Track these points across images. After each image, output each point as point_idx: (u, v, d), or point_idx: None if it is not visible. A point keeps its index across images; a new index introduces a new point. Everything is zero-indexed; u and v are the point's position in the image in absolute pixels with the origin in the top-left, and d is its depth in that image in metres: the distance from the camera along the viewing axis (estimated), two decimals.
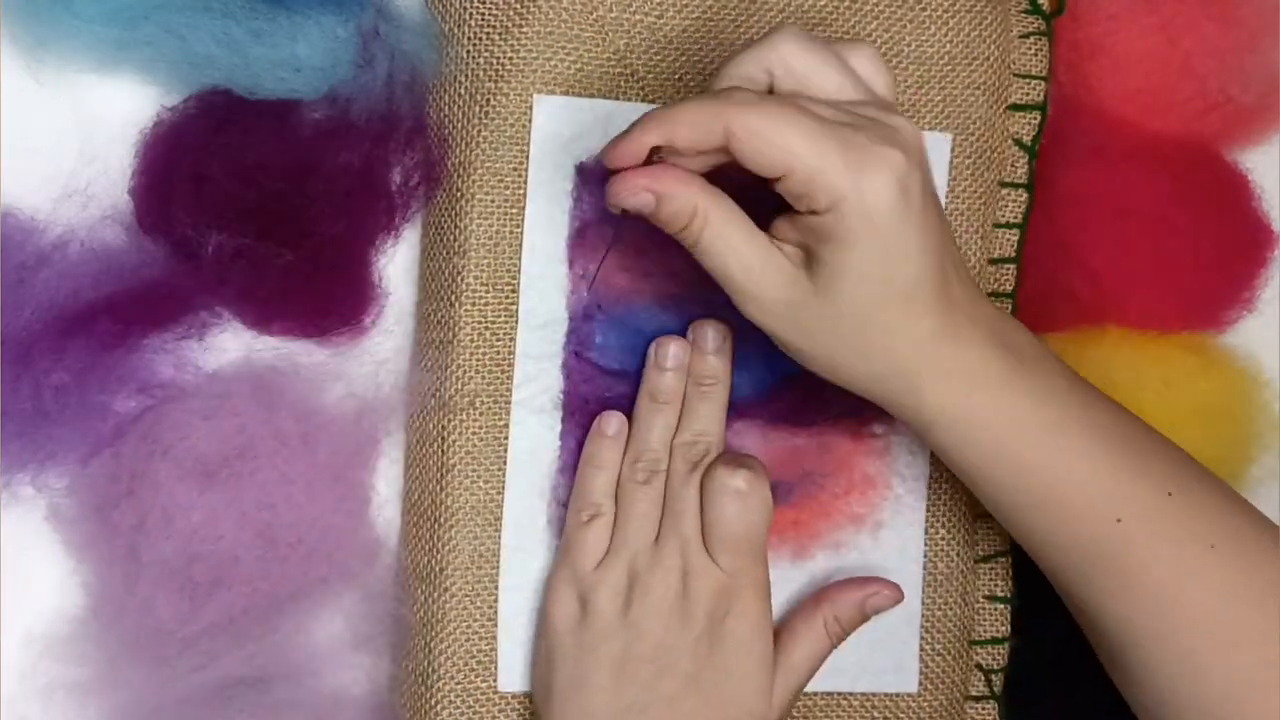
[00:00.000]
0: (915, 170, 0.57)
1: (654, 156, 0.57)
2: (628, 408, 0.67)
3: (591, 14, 0.66)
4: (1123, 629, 0.62)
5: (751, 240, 0.58)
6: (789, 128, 0.55)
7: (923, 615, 0.71)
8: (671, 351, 0.66)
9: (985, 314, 0.61)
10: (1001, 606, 0.72)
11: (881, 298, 0.58)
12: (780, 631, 0.67)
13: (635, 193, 0.57)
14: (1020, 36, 0.72)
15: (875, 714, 0.70)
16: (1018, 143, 0.72)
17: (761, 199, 0.58)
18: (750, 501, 0.64)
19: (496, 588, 0.67)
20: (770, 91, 0.59)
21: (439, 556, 0.66)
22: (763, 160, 0.56)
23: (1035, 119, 0.72)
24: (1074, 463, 0.61)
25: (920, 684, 0.70)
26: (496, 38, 0.66)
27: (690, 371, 0.66)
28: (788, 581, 0.69)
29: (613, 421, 0.67)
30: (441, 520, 0.66)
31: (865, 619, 0.68)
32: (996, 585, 0.72)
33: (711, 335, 0.66)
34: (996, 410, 0.60)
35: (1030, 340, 0.62)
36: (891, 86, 0.60)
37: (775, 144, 0.55)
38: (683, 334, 0.67)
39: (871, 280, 0.57)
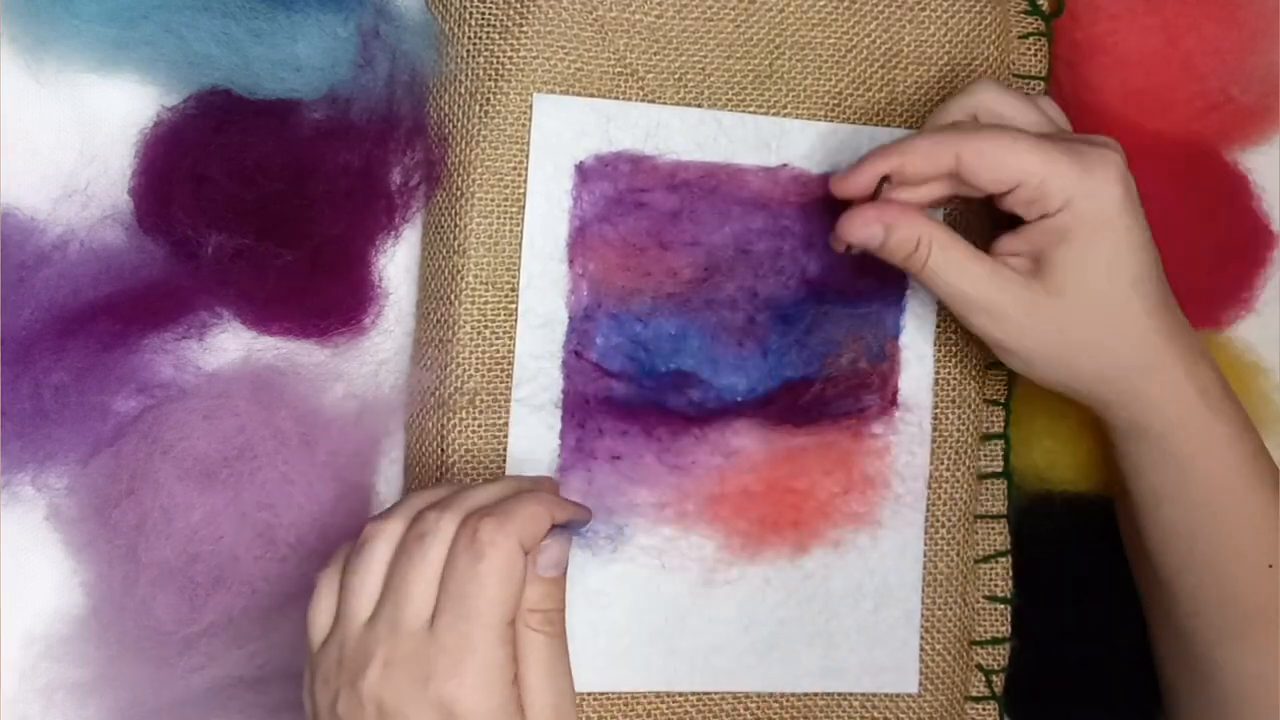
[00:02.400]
0: (1130, 173, 0.62)
1: (882, 185, 0.62)
2: (628, 410, 0.67)
3: (591, 14, 0.66)
4: (1245, 682, 0.64)
5: (976, 257, 0.62)
6: (1014, 143, 0.61)
7: (923, 615, 0.71)
8: None
9: (1189, 326, 0.64)
10: (1001, 606, 0.72)
11: (1112, 290, 0.61)
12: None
13: (866, 225, 0.62)
14: (1020, 37, 0.72)
15: (875, 714, 0.70)
16: None
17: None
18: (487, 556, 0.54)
19: None
20: None
21: None
22: (995, 176, 0.61)
23: None
24: (1254, 500, 0.64)
25: (920, 684, 0.70)
26: (496, 37, 0.66)
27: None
28: (787, 581, 0.69)
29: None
30: None
31: (558, 581, 0.56)
32: (996, 585, 0.72)
33: None
34: (1206, 430, 0.63)
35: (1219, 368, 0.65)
36: (1069, 127, 0.66)
37: (1004, 159, 0.61)
38: (681, 333, 0.67)
39: (1104, 271, 0.61)
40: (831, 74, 0.69)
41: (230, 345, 0.65)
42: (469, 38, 0.66)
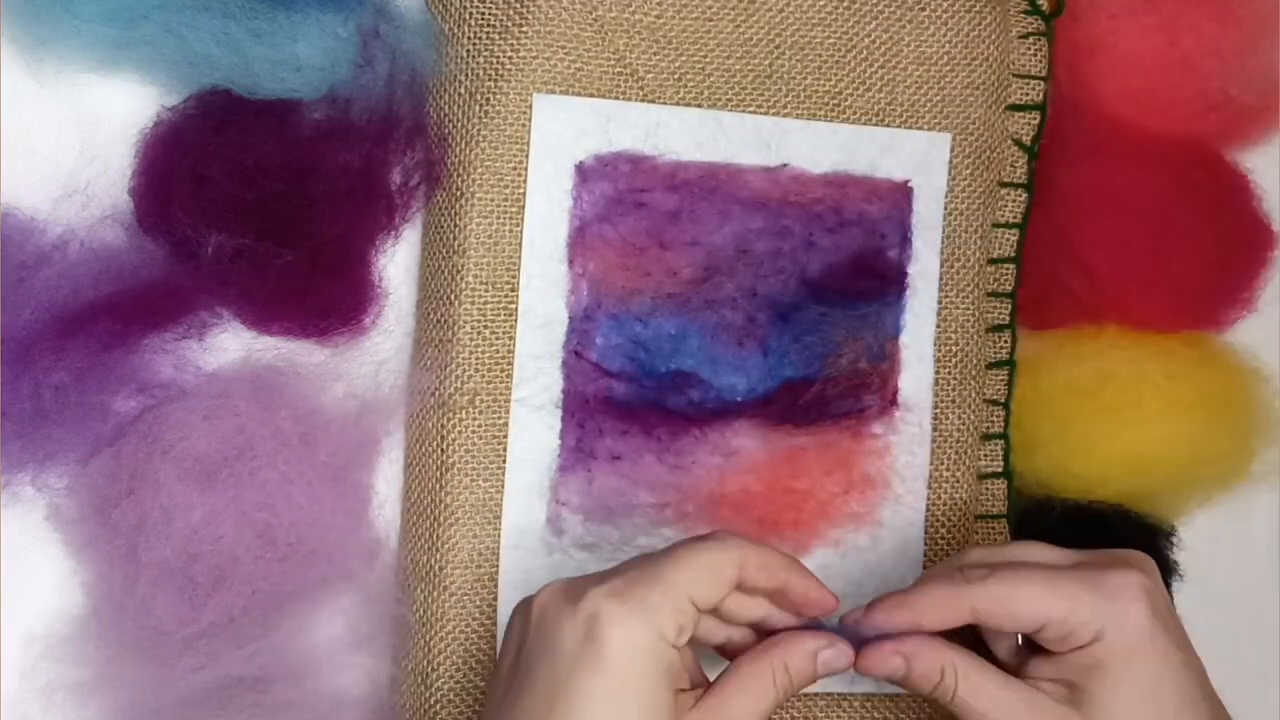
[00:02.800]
0: (1157, 587, 0.59)
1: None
2: (628, 410, 0.67)
3: (591, 14, 0.66)
4: None
5: (1008, 685, 0.60)
6: (1029, 584, 0.58)
7: None
8: None
9: None
10: None
11: (1159, 718, 0.59)
12: (723, 680, 0.59)
13: (885, 660, 0.59)
14: (1020, 37, 0.72)
15: (875, 714, 0.70)
16: (1017, 143, 0.72)
17: None
18: None
19: (496, 587, 0.66)
20: None
21: (439, 556, 0.66)
22: (1017, 624, 0.59)
23: (1035, 119, 0.72)
24: None
25: None
26: (496, 37, 0.66)
27: None
28: None
29: None
30: (441, 519, 0.66)
31: (816, 676, 0.60)
32: None
33: None
34: None
35: None
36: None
37: (1022, 605, 0.58)
38: (681, 333, 0.67)
39: (1145, 700, 0.58)
40: (831, 74, 0.69)
41: (230, 345, 0.65)
42: (469, 38, 0.66)
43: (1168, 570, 0.74)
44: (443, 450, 0.66)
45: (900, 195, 0.70)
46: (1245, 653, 0.77)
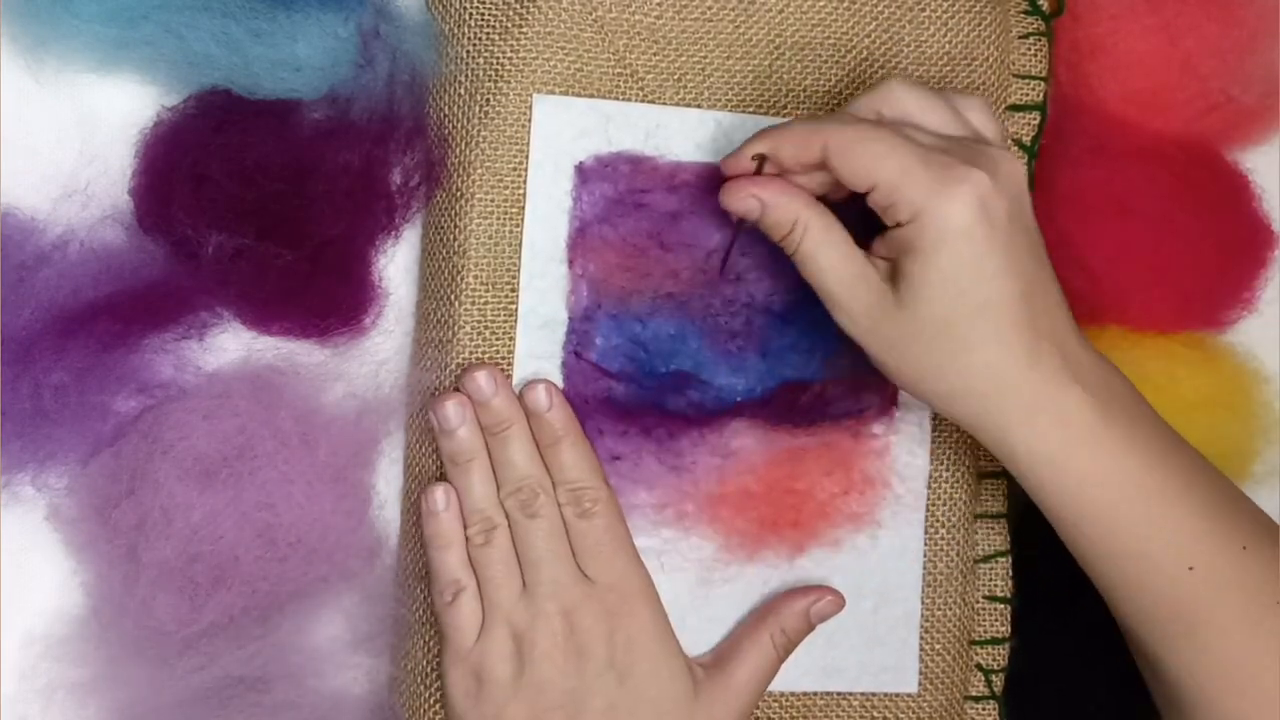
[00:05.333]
0: (1001, 195, 0.59)
1: (761, 166, 0.61)
2: (627, 410, 0.67)
3: (591, 14, 0.66)
4: (1185, 680, 0.63)
5: (848, 254, 0.61)
6: (877, 144, 0.59)
7: (922, 615, 0.71)
8: (449, 413, 0.65)
9: (1077, 353, 0.61)
10: (1001, 606, 0.72)
11: (955, 313, 0.59)
12: (725, 649, 0.67)
13: (743, 198, 0.61)
14: (1020, 37, 0.72)
15: (875, 714, 0.70)
16: (1018, 143, 0.72)
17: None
18: (597, 511, 0.64)
19: None
20: None
21: None
22: (853, 173, 0.59)
23: (1035, 119, 0.72)
24: (1155, 512, 0.62)
25: (920, 684, 0.70)
26: (496, 38, 0.66)
27: (481, 423, 0.65)
28: (786, 581, 0.69)
29: (438, 496, 0.65)
30: None
31: (811, 628, 0.68)
32: (996, 585, 0.72)
33: (481, 379, 0.65)
34: (1081, 456, 0.61)
35: (1124, 385, 0.63)
36: (1000, 133, 0.63)
37: (863, 159, 0.59)
38: (681, 334, 0.67)
39: (946, 294, 0.59)
40: (831, 74, 0.69)
41: (230, 345, 0.65)
42: (469, 38, 0.66)
43: None
44: None
45: None
46: None
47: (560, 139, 0.66)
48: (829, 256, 0.61)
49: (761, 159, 0.61)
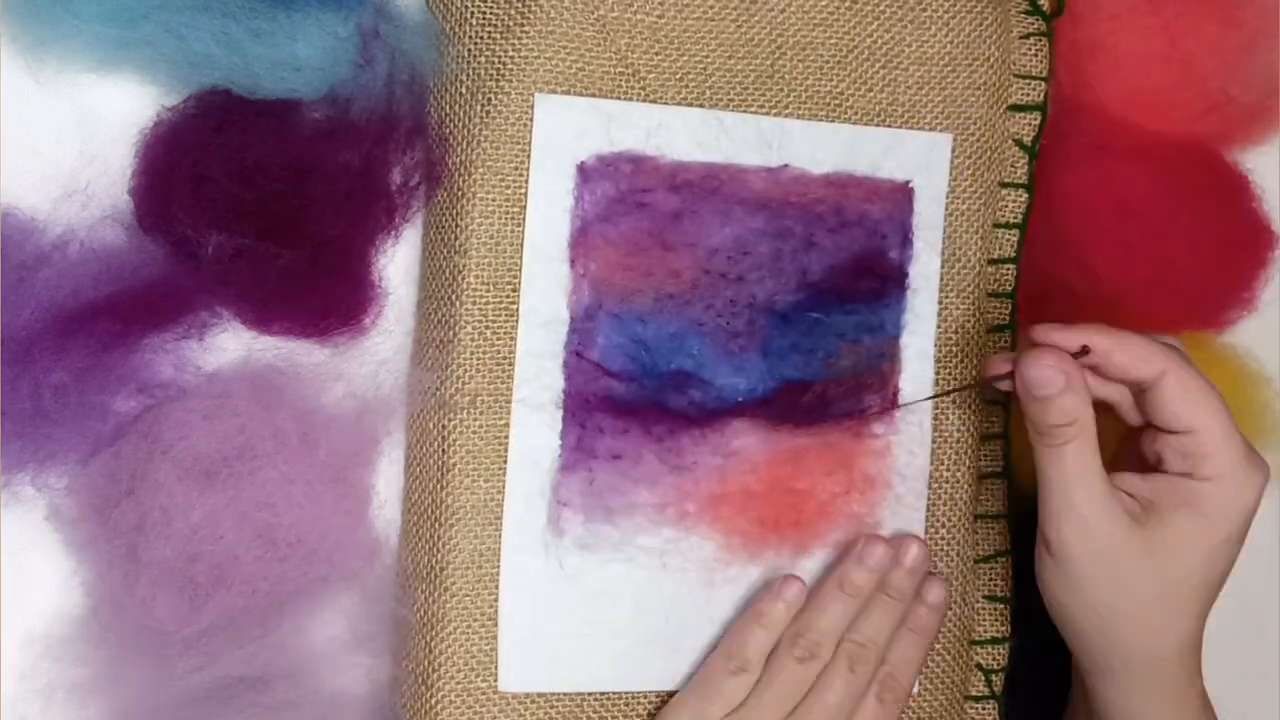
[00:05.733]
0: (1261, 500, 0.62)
1: (1079, 355, 0.62)
2: (628, 409, 0.67)
3: (593, 13, 0.66)
4: None
5: (1102, 474, 0.61)
6: (1213, 398, 0.61)
7: None
8: (877, 553, 0.67)
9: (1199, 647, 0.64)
10: (1001, 606, 0.72)
11: (1196, 582, 0.61)
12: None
13: (1055, 370, 0.61)
14: (1020, 37, 0.72)
15: None
16: (1018, 143, 0.72)
17: None
18: (893, 703, 0.66)
19: (496, 588, 0.66)
20: None
21: (439, 556, 0.66)
22: (1180, 409, 0.61)
23: (1035, 119, 0.72)
24: None
25: (920, 684, 0.71)
26: (498, 37, 0.66)
27: (886, 578, 0.67)
28: None
29: (793, 588, 0.67)
30: (441, 520, 0.66)
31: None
32: (996, 585, 0.72)
33: (914, 553, 0.67)
34: None
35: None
36: None
37: (1201, 405, 0.60)
38: (682, 333, 0.67)
39: (1204, 564, 0.60)
40: (833, 74, 0.69)
41: (230, 345, 0.65)
42: (470, 37, 0.66)
43: None
44: (443, 450, 0.66)
45: (901, 196, 0.70)
46: (1245, 652, 0.77)
47: (562, 138, 0.66)
48: (1089, 469, 0.61)
49: (1085, 350, 0.61)
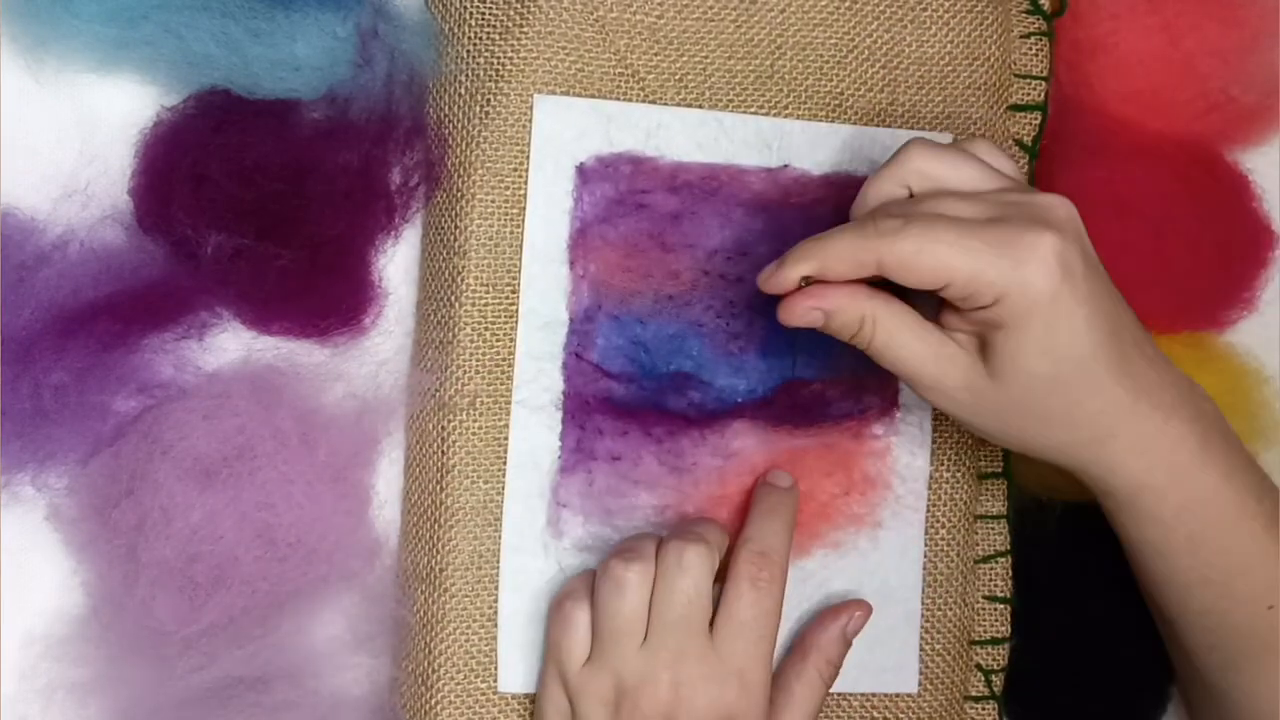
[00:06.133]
0: (1072, 245, 0.58)
1: (803, 283, 0.60)
2: (627, 410, 0.67)
3: (592, 14, 0.66)
4: (1250, 711, 0.64)
5: (924, 336, 0.60)
6: (937, 244, 0.57)
7: (923, 615, 0.71)
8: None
9: (1171, 380, 0.62)
10: (1001, 606, 0.72)
11: (1056, 377, 0.59)
12: (778, 697, 0.65)
13: (803, 313, 0.60)
14: (1021, 37, 0.72)
15: (875, 714, 0.70)
16: (1018, 143, 0.72)
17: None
18: (770, 592, 0.63)
19: (496, 588, 0.67)
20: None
21: (439, 556, 0.66)
22: (921, 280, 0.58)
23: (1036, 119, 0.72)
24: (1247, 544, 0.62)
25: (920, 684, 0.71)
26: (497, 37, 0.66)
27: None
28: (788, 582, 0.69)
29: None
30: (441, 520, 0.66)
31: (849, 646, 0.67)
32: (996, 585, 0.72)
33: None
34: (1184, 487, 0.62)
35: (1213, 408, 0.63)
36: (1014, 168, 0.63)
37: (928, 263, 0.57)
38: (682, 335, 0.67)
39: (1044, 361, 0.59)
40: (833, 74, 0.69)
41: (230, 345, 0.65)
42: (469, 38, 0.66)
43: None
44: (443, 451, 0.66)
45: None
46: None
47: (561, 139, 0.66)
48: (906, 344, 0.60)
49: (807, 280, 0.60)
